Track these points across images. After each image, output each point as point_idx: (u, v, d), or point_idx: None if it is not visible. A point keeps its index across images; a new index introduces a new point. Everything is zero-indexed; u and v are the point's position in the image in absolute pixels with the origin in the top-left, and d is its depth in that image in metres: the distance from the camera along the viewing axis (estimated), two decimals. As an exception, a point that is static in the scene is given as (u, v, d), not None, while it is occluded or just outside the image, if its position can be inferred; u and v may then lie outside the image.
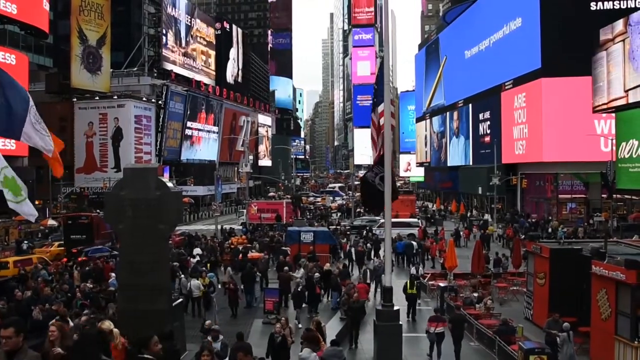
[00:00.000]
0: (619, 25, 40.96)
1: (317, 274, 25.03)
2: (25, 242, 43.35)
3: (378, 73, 17.28)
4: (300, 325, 20.29)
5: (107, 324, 11.26)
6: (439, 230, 45.31)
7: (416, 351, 19.09)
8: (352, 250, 34.57)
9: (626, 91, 40.23)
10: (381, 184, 16.68)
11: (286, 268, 25.98)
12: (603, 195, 50.49)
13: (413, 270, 26.73)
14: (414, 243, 36.29)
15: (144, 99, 72.50)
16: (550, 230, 44.31)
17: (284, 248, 32.81)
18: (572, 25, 50.40)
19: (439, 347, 17.87)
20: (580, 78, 47.37)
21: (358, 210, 66.79)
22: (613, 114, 44.47)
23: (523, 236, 36.14)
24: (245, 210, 57.80)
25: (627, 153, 42.02)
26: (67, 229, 40.53)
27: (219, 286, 25.72)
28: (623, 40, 40.32)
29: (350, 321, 19.58)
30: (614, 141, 43.47)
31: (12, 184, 10.08)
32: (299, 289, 22.69)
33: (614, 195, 47.07)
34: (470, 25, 73.69)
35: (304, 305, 22.73)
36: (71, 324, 15.20)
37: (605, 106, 43.17)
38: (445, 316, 19.31)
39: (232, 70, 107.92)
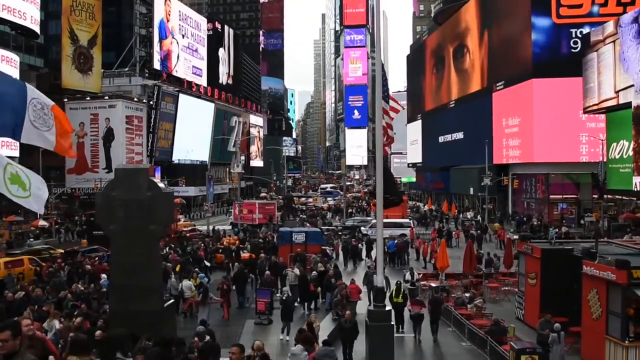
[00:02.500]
0: (610, 26, 41.17)
1: (314, 273, 25.09)
2: (31, 239, 43.61)
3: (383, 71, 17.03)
4: (287, 338, 19.46)
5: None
6: (429, 231, 45.46)
7: (403, 351, 19.18)
8: (348, 246, 36.05)
9: (617, 92, 40.45)
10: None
11: (267, 273, 25.52)
12: (594, 196, 50.75)
13: (408, 275, 26.37)
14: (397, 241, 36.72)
15: (135, 99, 72.26)
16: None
17: (320, 253, 31.68)
18: (564, 26, 50.71)
19: (419, 326, 20.37)
20: (571, 79, 47.57)
21: (349, 210, 66.92)
22: (604, 115, 44.74)
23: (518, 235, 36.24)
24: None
25: (618, 154, 42.27)
26: (89, 226, 40.73)
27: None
28: (614, 42, 40.53)
29: (341, 342, 17.67)
30: (605, 142, 43.73)
31: (18, 180, 10.01)
32: (284, 297, 21.12)
33: (605, 196, 47.32)
34: (461, 26, 73.91)
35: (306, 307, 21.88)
36: (57, 326, 15.16)
37: (596, 107, 43.40)
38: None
39: (222, 71, 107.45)
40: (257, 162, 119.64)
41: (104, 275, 23.96)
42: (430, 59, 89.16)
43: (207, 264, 31.41)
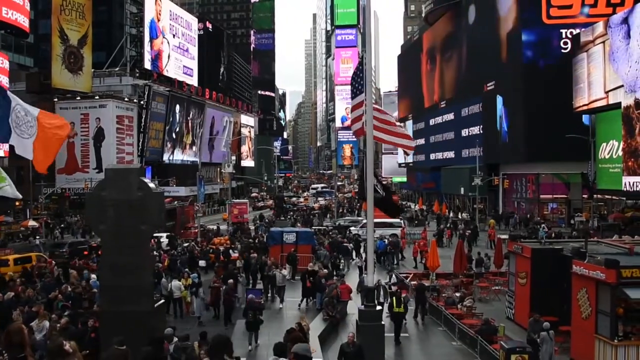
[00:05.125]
0: (599, 27, 41.41)
1: (324, 270, 25.22)
2: (37, 237, 43.66)
3: (356, 70, 16.95)
4: (254, 345, 18.57)
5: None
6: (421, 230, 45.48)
7: (393, 350, 19.21)
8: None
9: (606, 92, 40.69)
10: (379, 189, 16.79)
11: (231, 281, 23.59)
12: (584, 196, 50.95)
13: (393, 278, 26.18)
14: (385, 240, 36.57)
15: (126, 99, 71.94)
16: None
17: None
18: (554, 27, 50.88)
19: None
20: (561, 79, 47.67)
21: (340, 210, 66.97)
22: (594, 115, 44.94)
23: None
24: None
25: (608, 154, 42.50)
26: None
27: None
28: (603, 42, 40.76)
29: None
30: (594, 142, 43.94)
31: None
32: (248, 307, 19.19)
33: (595, 196, 47.53)
34: (452, 26, 74.05)
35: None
36: (47, 325, 15.10)
37: (586, 107, 43.64)
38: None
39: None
40: (248, 162, 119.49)
41: (93, 276, 23.81)
42: (421, 59, 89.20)
43: (202, 263, 31.50)
